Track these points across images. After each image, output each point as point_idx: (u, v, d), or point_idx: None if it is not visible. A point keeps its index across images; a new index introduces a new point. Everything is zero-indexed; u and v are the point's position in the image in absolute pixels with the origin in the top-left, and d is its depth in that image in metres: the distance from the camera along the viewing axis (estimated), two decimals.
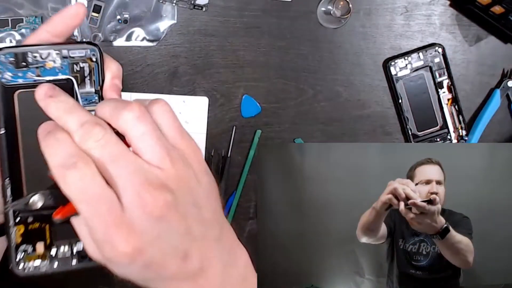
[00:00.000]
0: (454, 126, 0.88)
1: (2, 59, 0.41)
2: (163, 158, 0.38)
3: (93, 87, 0.44)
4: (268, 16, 0.84)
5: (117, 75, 0.45)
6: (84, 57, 0.43)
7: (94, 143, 0.37)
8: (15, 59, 0.42)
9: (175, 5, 0.81)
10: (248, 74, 0.84)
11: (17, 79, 0.42)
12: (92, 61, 0.43)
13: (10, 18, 0.77)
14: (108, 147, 0.37)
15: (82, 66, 0.43)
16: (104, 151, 0.37)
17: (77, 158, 0.36)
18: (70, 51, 0.43)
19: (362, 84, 0.87)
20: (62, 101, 0.39)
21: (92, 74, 0.44)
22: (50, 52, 0.42)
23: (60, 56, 0.43)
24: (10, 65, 0.42)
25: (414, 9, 0.87)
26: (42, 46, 0.42)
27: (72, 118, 0.38)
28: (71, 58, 0.43)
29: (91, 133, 0.37)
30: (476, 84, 0.90)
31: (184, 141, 0.40)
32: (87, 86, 0.44)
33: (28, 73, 0.42)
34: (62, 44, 0.43)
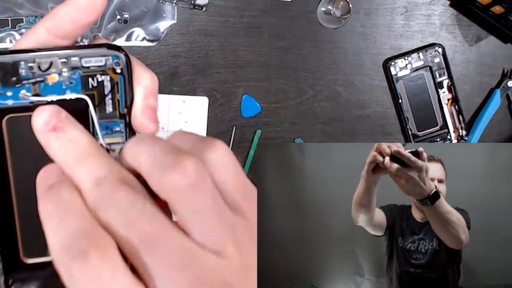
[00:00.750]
0: (454, 126, 0.88)
1: None
2: (224, 243, 0.26)
3: (117, 109, 0.31)
4: (268, 16, 0.84)
5: (151, 92, 0.31)
6: (103, 67, 0.30)
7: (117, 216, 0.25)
8: (1, 72, 0.29)
9: (175, 5, 0.81)
10: (248, 74, 0.84)
11: (5, 100, 0.29)
12: (115, 73, 0.30)
13: (10, 18, 0.77)
14: (140, 224, 0.25)
15: (100, 80, 0.30)
16: (133, 230, 0.25)
17: (88, 241, 0.24)
18: (83, 59, 0.30)
19: (362, 84, 0.87)
20: (72, 138, 0.27)
21: (115, 92, 0.30)
22: (54, 61, 0.29)
23: (68, 67, 0.30)
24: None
25: (414, 9, 0.87)
26: (41, 51, 0.29)
27: (86, 168, 0.27)
28: (85, 69, 0.30)
29: (114, 199, 0.25)
30: (476, 84, 0.90)
31: (249, 205, 0.28)
32: (108, 108, 0.30)
33: (22, 91, 0.29)
34: (71, 49, 0.30)
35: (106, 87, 0.30)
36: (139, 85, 0.31)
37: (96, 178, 0.26)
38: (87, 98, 0.30)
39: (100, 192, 0.26)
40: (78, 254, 0.24)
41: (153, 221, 0.25)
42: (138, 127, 0.31)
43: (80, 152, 0.27)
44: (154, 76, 0.32)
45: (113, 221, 0.25)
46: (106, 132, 0.31)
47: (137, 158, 0.27)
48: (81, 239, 0.24)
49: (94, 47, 0.30)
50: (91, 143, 0.28)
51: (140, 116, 0.31)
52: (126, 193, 0.26)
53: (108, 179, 0.26)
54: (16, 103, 0.29)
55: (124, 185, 0.26)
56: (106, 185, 0.26)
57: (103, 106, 0.30)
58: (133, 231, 0.25)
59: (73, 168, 0.27)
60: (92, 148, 0.28)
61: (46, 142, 0.28)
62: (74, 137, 0.28)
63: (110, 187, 0.26)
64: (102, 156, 0.27)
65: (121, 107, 0.31)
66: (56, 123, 0.28)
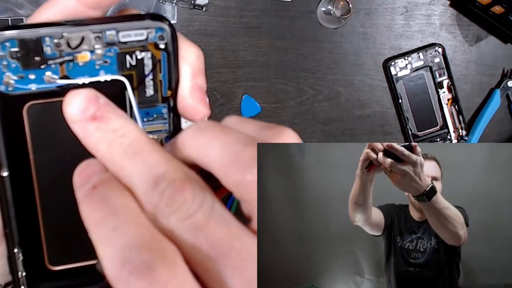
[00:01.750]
0: (454, 126, 0.88)
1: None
2: None
3: (159, 92, 0.26)
4: (268, 16, 0.84)
5: (199, 69, 0.27)
6: (144, 41, 0.25)
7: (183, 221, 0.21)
8: (22, 50, 0.24)
9: (175, 5, 0.81)
10: (248, 74, 0.84)
11: (27, 84, 0.24)
12: (158, 49, 0.25)
13: (10, 18, 0.77)
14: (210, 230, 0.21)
15: (140, 58, 0.25)
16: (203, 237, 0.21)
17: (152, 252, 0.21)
18: (121, 33, 0.25)
19: (362, 84, 0.87)
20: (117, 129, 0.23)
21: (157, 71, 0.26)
22: (86, 36, 0.24)
23: (102, 42, 0.24)
24: (14, 61, 0.24)
25: (414, 9, 0.87)
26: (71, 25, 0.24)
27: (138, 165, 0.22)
28: (122, 45, 0.25)
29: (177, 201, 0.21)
30: (476, 84, 0.90)
31: None
32: (148, 91, 0.26)
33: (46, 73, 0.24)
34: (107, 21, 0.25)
35: (147, 66, 0.25)
36: (185, 63, 0.26)
37: (153, 177, 0.22)
38: (125, 80, 0.25)
39: (160, 194, 0.21)
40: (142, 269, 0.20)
41: (225, 224, 0.22)
42: (186, 111, 0.26)
43: (129, 146, 0.23)
44: (200, 51, 0.27)
45: (177, 226, 0.21)
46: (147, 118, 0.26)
47: (205, 151, 0.23)
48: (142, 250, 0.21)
49: (134, 18, 0.25)
50: (140, 134, 0.23)
51: (189, 99, 0.26)
52: (191, 193, 0.21)
53: (168, 177, 0.22)
54: (40, 88, 0.24)
55: (187, 184, 0.22)
56: (166, 185, 0.22)
57: (143, 88, 0.26)
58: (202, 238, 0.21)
59: (121, 165, 0.22)
60: (143, 139, 0.23)
61: (84, 133, 0.23)
62: (119, 127, 0.23)
63: (171, 187, 0.22)
64: (156, 149, 0.23)
65: (164, 89, 0.26)
66: (95, 110, 0.23)
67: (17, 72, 0.24)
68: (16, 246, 0.25)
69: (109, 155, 0.23)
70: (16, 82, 0.24)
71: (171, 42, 0.25)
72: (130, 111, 0.26)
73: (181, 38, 0.26)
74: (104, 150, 0.23)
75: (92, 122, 0.23)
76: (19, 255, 0.25)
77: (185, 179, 0.22)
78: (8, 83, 0.24)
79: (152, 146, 0.23)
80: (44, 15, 0.25)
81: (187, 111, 0.26)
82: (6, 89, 0.24)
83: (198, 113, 0.26)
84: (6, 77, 0.24)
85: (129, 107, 0.25)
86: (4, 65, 0.24)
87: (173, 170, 0.22)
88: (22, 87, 0.24)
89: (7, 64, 0.24)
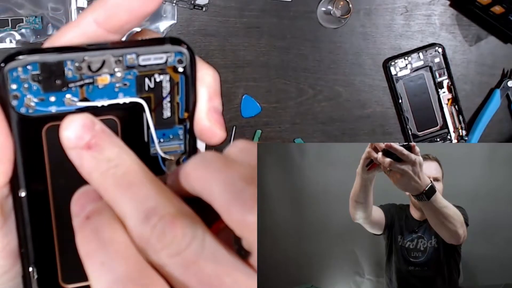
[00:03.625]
0: (454, 126, 0.88)
1: (20, 74, 0.24)
2: None
3: (176, 114, 0.26)
4: (268, 16, 0.84)
5: (215, 92, 0.27)
6: (163, 65, 0.25)
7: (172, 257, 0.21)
8: (44, 74, 0.24)
9: (175, 5, 0.81)
10: (248, 74, 0.84)
11: (48, 106, 0.24)
12: (176, 72, 0.26)
13: (10, 18, 0.77)
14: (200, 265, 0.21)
15: (159, 81, 0.25)
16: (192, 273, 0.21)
17: None
18: (141, 57, 0.25)
19: (362, 84, 0.87)
20: (111, 159, 0.23)
21: (175, 93, 0.26)
22: (107, 59, 0.24)
23: (122, 66, 0.25)
24: (35, 83, 0.24)
25: (414, 9, 0.87)
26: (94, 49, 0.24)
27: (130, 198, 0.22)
28: (141, 68, 0.25)
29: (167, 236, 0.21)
30: (476, 84, 0.90)
31: None
32: (165, 112, 0.26)
33: (67, 95, 0.24)
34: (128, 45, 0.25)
35: (165, 89, 0.26)
36: (202, 85, 0.26)
37: (144, 210, 0.22)
38: (143, 102, 0.25)
39: (150, 228, 0.21)
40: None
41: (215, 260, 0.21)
42: (203, 134, 0.26)
43: (122, 176, 0.22)
44: (216, 73, 0.27)
45: (167, 262, 0.21)
46: (163, 139, 0.26)
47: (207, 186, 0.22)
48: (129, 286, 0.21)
49: (153, 43, 0.25)
50: (134, 165, 0.23)
51: (206, 121, 0.26)
52: (181, 229, 0.21)
53: (159, 212, 0.21)
54: (60, 110, 0.24)
55: (178, 219, 0.21)
56: (156, 219, 0.21)
57: (160, 110, 0.26)
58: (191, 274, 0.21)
59: (114, 195, 0.22)
60: (136, 171, 0.23)
61: (78, 161, 0.23)
62: (114, 157, 0.23)
63: (162, 221, 0.21)
64: (149, 181, 0.23)
65: (181, 111, 0.26)
66: (90, 138, 0.23)
67: (38, 95, 0.24)
68: (31, 265, 0.26)
69: (102, 184, 0.23)
70: (37, 104, 0.24)
71: (190, 66, 0.26)
72: (148, 132, 0.26)
73: (199, 61, 0.26)
74: (98, 179, 0.23)
75: (86, 150, 0.23)
76: (34, 274, 0.26)
77: (176, 214, 0.22)
78: (29, 106, 0.24)
79: (145, 178, 0.23)
80: (65, 38, 0.25)
81: (204, 133, 0.27)
82: (26, 111, 0.24)
83: (215, 136, 0.27)
84: (27, 100, 0.24)
85: (146, 128, 0.26)
86: (26, 88, 0.24)
87: (165, 203, 0.22)
88: (42, 109, 0.24)
89: (28, 87, 0.24)
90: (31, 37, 0.78)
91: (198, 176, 0.23)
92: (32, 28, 0.78)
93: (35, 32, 0.78)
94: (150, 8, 0.25)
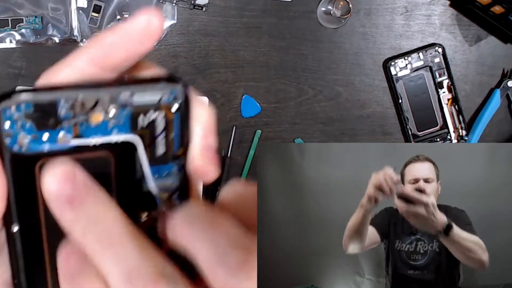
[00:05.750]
0: (454, 126, 0.88)
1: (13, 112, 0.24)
2: None
3: (170, 151, 0.26)
4: (268, 16, 0.84)
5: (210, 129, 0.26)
6: (157, 103, 0.25)
7: None
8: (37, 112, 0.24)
9: (175, 5, 0.81)
10: (248, 74, 0.84)
11: (41, 144, 0.24)
12: (171, 110, 0.26)
13: (10, 18, 0.77)
14: None
15: (152, 119, 0.25)
16: None
17: None
18: (136, 95, 0.25)
19: (362, 84, 0.87)
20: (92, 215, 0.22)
21: (169, 131, 0.26)
22: (100, 98, 0.24)
23: (116, 104, 0.25)
24: (29, 121, 0.24)
25: (414, 9, 0.87)
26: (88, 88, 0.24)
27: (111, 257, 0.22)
28: (136, 106, 0.25)
29: None
30: (476, 84, 0.90)
31: None
32: (158, 149, 0.26)
33: (60, 133, 0.24)
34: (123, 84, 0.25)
35: (159, 126, 0.25)
36: (197, 122, 0.26)
37: (125, 271, 0.21)
38: (138, 140, 0.25)
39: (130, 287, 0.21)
40: None
41: None
42: (197, 171, 0.26)
43: (103, 233, 0.22)
44: (211, 111, 0.27)
45: None
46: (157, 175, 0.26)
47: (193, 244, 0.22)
48: None
49: (148, 81, 0.25)
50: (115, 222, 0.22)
51: (199, 160, 0.26)
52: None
53: (141, 273, 0.21)
54: (53, 148, 0.24)
55: (161, 280, 0.21)
56: (138, 280, 0.21)
57: (154, 146, 0.26)
58: None
59: (95, 253, 0.22)
60: (117, 228, 0.22)
61: (59, 214, 0.22)
62: (95, 213, 0.22)
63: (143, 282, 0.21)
64: (132, 239, 0.22)
65: (175, 148, 0.26)
66: (70, 191, 0.22)
67: (31, 133, 0.24)
68: None
69: (83, 240, 0.22)
70: (30, 142, 0.24)
71: (184, 103, 0.25)
72: (141, 170, 0.26)
73: (194, 98, 0.26)
74: (78, 234, 0.22)
75: (66, 204, 0.22)
76: None
77: (158, 275, 0.22)
78: (22, 144, 0.24)
79: (127, 235, 0.22)
80: (60, 75, 0.25)
81: (197, 171, 0.26)
82: (19, 149, 0.24)
83: (208, 174, 0.27)
84: (20, 138, 0.24)
85: (139, 166, 0.26)
86: (19, 126, 0.24)
87: (147, 264, 0.22)
88: (35, 147, 0.24)
89: (21, 125, 0.24)
90: (31, 37, 0.78)
91: (184, 233, 0.23)
92: (32, 28, 0.78)
93: (35, 32, 0.78)
94: (146, 47, 0.25)
